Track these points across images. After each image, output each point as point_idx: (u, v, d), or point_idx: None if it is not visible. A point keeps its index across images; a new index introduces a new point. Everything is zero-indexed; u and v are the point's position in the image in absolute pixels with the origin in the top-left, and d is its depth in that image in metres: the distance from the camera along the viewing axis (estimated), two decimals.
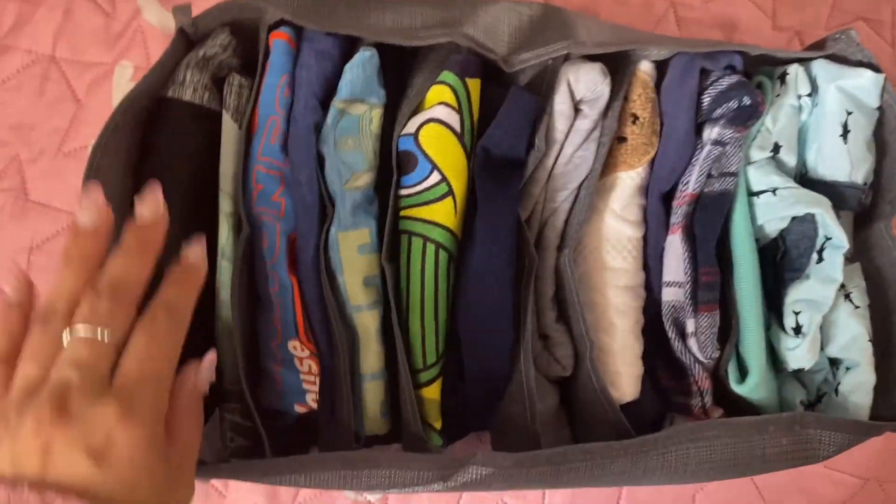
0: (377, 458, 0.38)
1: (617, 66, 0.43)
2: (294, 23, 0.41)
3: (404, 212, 0.42)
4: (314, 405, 0.42)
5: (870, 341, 0.43)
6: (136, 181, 0.42)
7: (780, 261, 0.44)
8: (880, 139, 0.45)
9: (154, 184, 0.36)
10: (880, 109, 0.44)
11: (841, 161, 0.43)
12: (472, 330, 0.41)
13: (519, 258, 0.42)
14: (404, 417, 0.42)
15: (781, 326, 0.43)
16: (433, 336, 0.42)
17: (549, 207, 0.43)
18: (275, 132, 0.41)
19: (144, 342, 0.33)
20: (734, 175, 0.42)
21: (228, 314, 0.41)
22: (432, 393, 0.42)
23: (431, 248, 0.41)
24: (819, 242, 0.42)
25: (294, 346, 0.41)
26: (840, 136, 0.43)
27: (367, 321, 0.42)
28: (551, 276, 0.43)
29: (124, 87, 0.54)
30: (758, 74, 0.45)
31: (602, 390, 0.42)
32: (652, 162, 0.43)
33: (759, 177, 0.43)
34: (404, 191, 0.42)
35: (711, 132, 0.42)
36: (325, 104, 0.42)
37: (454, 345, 0.43)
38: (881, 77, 0.43)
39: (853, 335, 0.43)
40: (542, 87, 0.43)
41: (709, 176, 0.42)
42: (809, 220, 0.42)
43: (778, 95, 0.44)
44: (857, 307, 0.43)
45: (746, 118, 0.41)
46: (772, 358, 0.44)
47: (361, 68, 0.41)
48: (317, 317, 0.41)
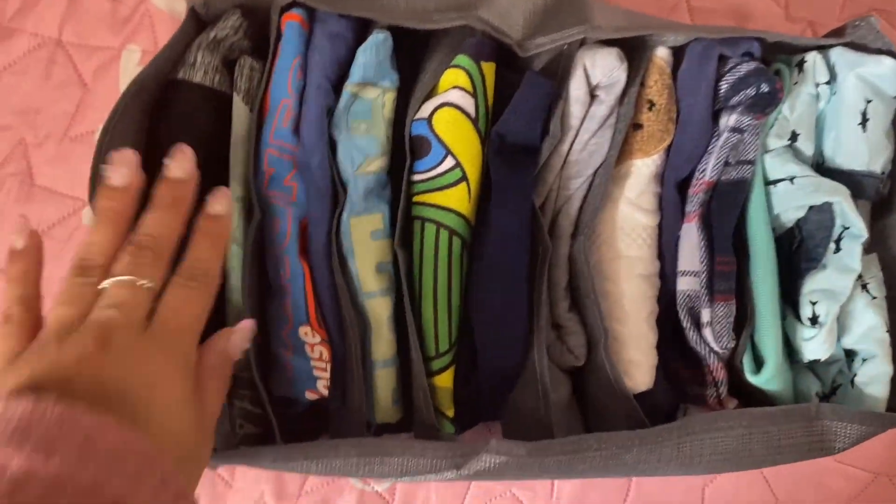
0: (390, 446, 0.38)
1: (633, 53, 0.43)
2: (307, 4, 0.40)
3: (417, 197, 0.42)
4: (325, 392, 0.41)
5: (887, 332, 0.43)
6: (145, 163, 0.42)
7: (796, 251, 0.43)
8: None
9: (181, 144, 0.37)
10: None
11: (859, 150, 0.42)
12: (486, 318, 0.41)
13: (532, 246, 0.41)
14: (416, 405, 0.41)
15: (797, 317, 0.43)
16: (446, 323, 0.41)
17: (563, 195, 0.43)
18: (287, 115, 0.41)
19: (181, 295, 0.34)
20: (751, 163, 0.42)
21: (239, 300, 0.40)
22: (445, 381, 0.42)
23: (445, 235, 0.41)
24: (836, 232, 0.42)
25: (305, 333, 0.41)
26: (859, 125, 0.42)
27: (380, 308, 0.41)
28: (565, 265, 0.43)
29: (132, 72, 0.53)
30: (775, 62, 0.45)
31: (616, 380, 0.41)
32: (668, 149, 0.42)
33: (777, 165, 0.42)
34: (417, 176, 0.41)
35: (729, 119, 0.41)
36: (338, 87, 0.41)
37: (467, 332, 0.42)
38: None
39: (870, 326, 0.42)
40: (558, 73, 0.42)
41: (726, 164, 0.42)
42: (827, 210, 0.42)
43: (795, 83, 0.43)
44: (874, 298, 0.43)
45: (765, 105, 0.41)
46: (786, 349, 0.44)
47: (374, 51, 0.41)
48: (328, 303, 0.41)
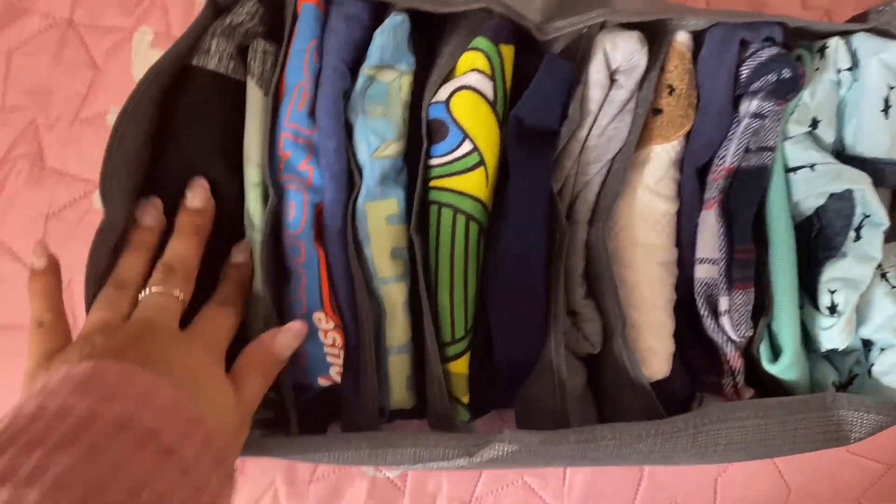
0: (402, 438, 0.38)
1: (653, 38, 0.42)
2: None
3: (434, 182, 0.41)
4: (338, 379, 0.41)
5: None
6: (155, 147, 0.41)
7: (815, 239, 0.43)
8: None
9: (200, 178, 0.40)
10: None
11: (881, 137, 0.42)
12: (503, 304, 0.41)
13: (550, 232, 0.41)
14: (430, 392, 0.41)
15: (815, 306, 0.42)
16: (462, 309, 0.41)
17: (581, 181, 0.42)
18: (302, 98, 0.40)
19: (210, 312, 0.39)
20: (772, 150, 0.41)
21: (258, 285, 0.40)
22: (460, 367, 0.41)
23: (462, 220, 0.40)
24: (857, 220, 0.41)
25: (319, 318, 0.40)
26: (881, 112, 0.41)
27: (395, 293, 0.41)
28: (582, 251, 0.42)
29: (144, 54, 0.53)
30: (797, 48, 0.44)
31: (633, 368, 0.41)
32: (687, 135, 0.42)
33: (797, 152, 0.42)
34: (434, 160, 0.41)
35: (750, 105, 0.41)
36: (354, 71, 0.41)
37: (483, 318, 0.42)
38: None
39: (889, 315, 0.42)
40: (576, 57, 0.42)
41: (746, 150, 0.41)
42: (847, 198, 0.41)
43: (817, 69, 0.43)
44: (894, 287, 0.42)
45: (787, 91, 0.40)
46: (803, 338, 0.43)
47: (392, 34, 0.40)
48: (342, 289, 0.41)
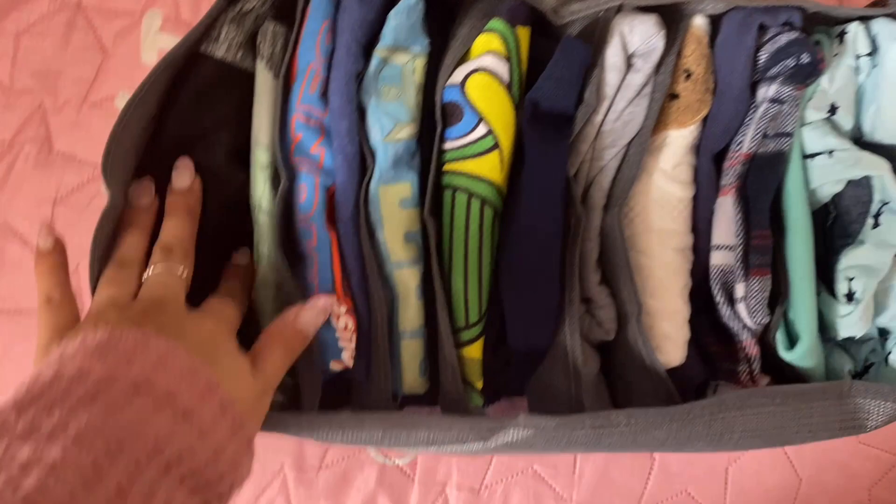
0: (416, 421, 0.37)
1: (670, 22, 0.41)
2: None
3: (448, 165, 0.41)
4: (350, 363, 0.40)
5: None
6: (158, 132, 0.41)
7: (831, 227, 0.43)
8: None
9: (184, 159, 0.40)
10: None
11: None
12: (517, 289, 0.40)
13: (565, 217, 0.40)
14: (443, 377, 0.41)
15: (832, 293, 0.42)
16: (476, 294, 0.40)
17: (596, 166, 0.42)
18: (315, 80, 0.40)
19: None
20: (790, 136, 0.41)
21: (266, 269, 0.40)
22: (474, 352, 0.41)
23: (476, 204, 0.40)
24: (875, 207, 0.41)
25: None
26: None
27: (408, 278, 0.41)
28: (596, 237, 0.42)
29: (152, 37, 0.52)
30: (815, 33, 0.43)
31: (649, 355, 0.41)
32: (704, 120, 0.41)
33: (815, 138, 0.41)
34: (448, 144, 0.41)
35: (768, 90, 0.40)
36: (368, 52, 0.40)
37: (497, 303, 0.41)
38: None
39: None
40: (593, 41, 0.41)
41: (764, 136, 0.41)
42: (864, 185, 0.41)
43: (836, 55, 0.42)
44: None
45: (805, 76, 0.40)
46: (819, 326, 0.43)
47: (406, 15, 0.40)
48: (355, 273, 0.40)
